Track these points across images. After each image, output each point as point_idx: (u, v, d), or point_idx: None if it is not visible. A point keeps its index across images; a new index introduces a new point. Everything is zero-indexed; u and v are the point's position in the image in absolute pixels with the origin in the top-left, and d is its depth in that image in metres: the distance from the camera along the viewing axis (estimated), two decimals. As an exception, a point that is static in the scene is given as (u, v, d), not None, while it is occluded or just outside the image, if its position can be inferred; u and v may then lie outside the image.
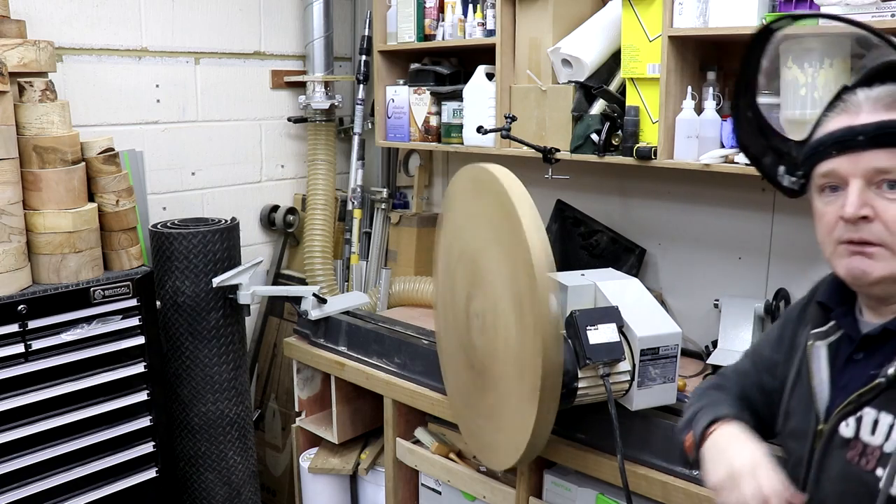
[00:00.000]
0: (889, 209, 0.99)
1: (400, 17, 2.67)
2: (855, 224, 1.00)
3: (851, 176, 1.01)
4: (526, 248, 1.48)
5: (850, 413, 1.04)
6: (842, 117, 1.04)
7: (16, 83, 1.99)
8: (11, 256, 1.93)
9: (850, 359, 1.09)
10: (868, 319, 1.10)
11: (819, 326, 1.14)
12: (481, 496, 2.05)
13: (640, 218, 2.47)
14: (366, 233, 3.09)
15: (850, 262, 1.03)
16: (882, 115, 1.00)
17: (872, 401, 1.01)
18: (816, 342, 1.13)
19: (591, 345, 1.62)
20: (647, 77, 2.05)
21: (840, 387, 1.08)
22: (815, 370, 1.11)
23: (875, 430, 1.01)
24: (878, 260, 1.00)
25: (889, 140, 0.99)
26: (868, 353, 1.07)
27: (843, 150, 1.01)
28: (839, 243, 1.04)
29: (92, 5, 2.43)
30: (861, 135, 1.00)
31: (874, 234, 1.00)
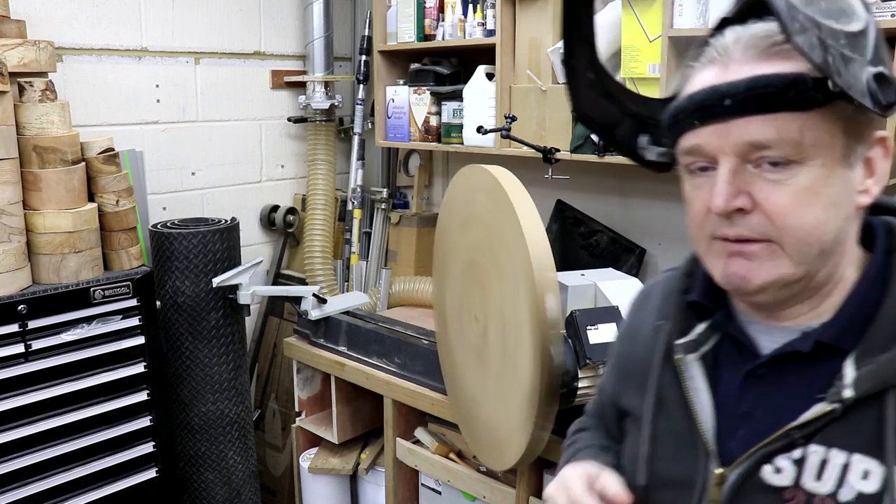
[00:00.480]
0: (772, 196, 0.73)
1: (400, 17, 2.67)
2: (729, 218, 0.75)
3: (720, 153, 0.74)
4: (526, 248, 1.48)
5: (781, 451, 0.77)
6: (708, 70, 0.77)
7: (16, 83, 1.99)
8: (11, 256, 1.93)
9: (752, 374, 0.82)
10: (755, 319, 0.85)
11: (685, 332, 0.86)
12: (481, 496, 2.05)
13: (640, 218, 2.47)
14: (366, 233, 3.09)
15: (726, 265, 0.78)
16: (755, 65, 0.73)
17: (818, 433, 0.75)
18: (686, 356, 0.85)
19: (592, 345, 1.62)
20: (647, 77, 2.05)
21: (739, 414, 0.81)
22: (694, 393, 0.83)
23: (822, 474, 0.75)
24: (762, 261, 0.75)
25: (765, 103, 0.71)
26: (781, 368, 0.80)
27: (707, 118, 0.74)
28: (712, 239, 0.78)
29: (92, 5, 2.43)
30: (728, 97, 0.72)
31: (754, 229, 0.75)
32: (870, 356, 0.75)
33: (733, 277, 0.77)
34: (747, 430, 0.80)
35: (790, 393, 0.79)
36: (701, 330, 0.86)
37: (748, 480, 0.78)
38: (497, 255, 1.63)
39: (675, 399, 0.85)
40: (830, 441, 0.75)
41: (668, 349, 0.87)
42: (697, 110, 0.75)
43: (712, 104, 0.73)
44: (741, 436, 0.80)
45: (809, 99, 0.71)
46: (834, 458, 0.75)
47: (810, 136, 0.72)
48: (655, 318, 0.92)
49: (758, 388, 0.81)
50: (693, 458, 0.83)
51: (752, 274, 0.76)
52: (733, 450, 0.80)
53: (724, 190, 0.73)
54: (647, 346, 0.91)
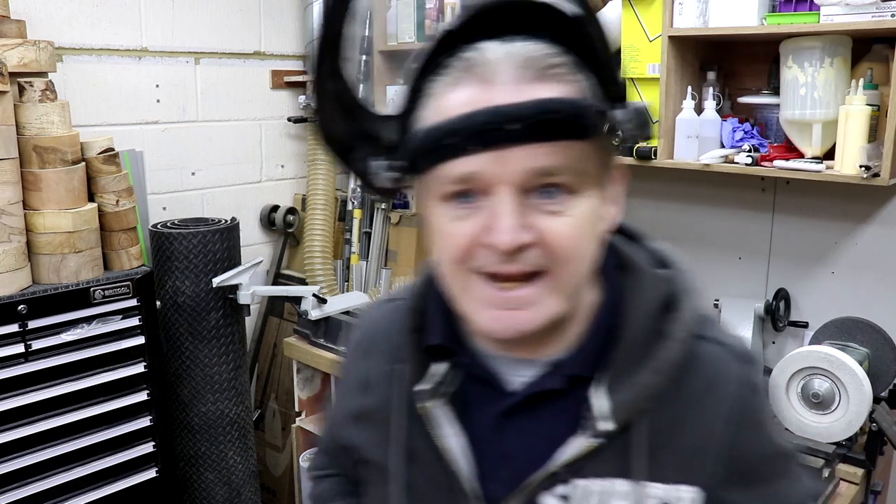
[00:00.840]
0: (552, 228, 0.67)
1: (400, 17, 2.66)
2: (511, 254, 0.67)
3: (499, 182, 0.66)
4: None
5: (546, 488, 0.74)
6: (466, 88, 0.68)
7: (16, 83, 1.99)
8: (11, 256, 1.93)
9: (506, 414, 0.77)
10: (498, 353, 0.79)
11: (423, 375, 0.78)
12: None
13: (640, 218, 2.46)
14: (366, 233, 3.09)
15: (498, 318, 0.70)
16: (534, 88, 0.66)
17: (579, 467, 0.74)
18: (430, 402, 0.77)
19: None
20: (647, 77, 2.05)
21: (499, 455, 0.77)
22: (445, 441, 0.77)
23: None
24: (536, 304, 0.69)
25: (554, 129, 0.66)
26: (534, 404, 0.76)
27: (491, 143, 0.65)
28: (475, 274, 0.70)
29: (92, 5, 2.43)
30: (516, 121, 0.64)
31: (534, 263, 0.68)
32: (619, 383, 0.73)
33: (506, 330, 0.70)
34: (509, 470, 0.76)
35: (547, 428, 0.75)
36: (442, 371, 0.78)
37: None
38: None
39: (427, 448, 0.78)
40: (590, 472, 0.74)
41: (410, 396, 0.79)
42: (478, 134, 0.65)
43: (496, 128, 0.64)
44: (504, 477, 0.76)
45: (591, 127, 0.68)
46: (594, 488, 0.74)
47: (588, 165, 0.69)
48: (386, 362, 0.84)
49: (514, 427, 0.77)
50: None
51: (527, 323, 0.69)
52: (497, 492, 0.76)
53: (511, 224, 0.66)
54: (384, 393, 0.82)
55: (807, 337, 2.13)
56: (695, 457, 0.74)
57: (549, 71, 0.68)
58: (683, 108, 2.01)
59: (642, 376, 0.73)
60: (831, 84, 1.78)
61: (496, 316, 0.69)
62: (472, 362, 0.79)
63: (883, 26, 1.65)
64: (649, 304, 0.77)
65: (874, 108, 1.76)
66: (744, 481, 0.76)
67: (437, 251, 0.73)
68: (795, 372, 1.67)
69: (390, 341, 0.84)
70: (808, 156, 1.85)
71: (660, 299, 0.78)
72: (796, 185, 2.12)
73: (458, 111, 0.67)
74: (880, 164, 1.71)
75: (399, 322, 0.83)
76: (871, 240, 2.05)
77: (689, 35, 1.96)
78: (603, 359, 0.75)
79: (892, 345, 1.85)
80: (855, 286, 2.09)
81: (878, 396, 1.74)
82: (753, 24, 1.84)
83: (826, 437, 1.62)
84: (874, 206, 2.03)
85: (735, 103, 2.13)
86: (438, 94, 0.70)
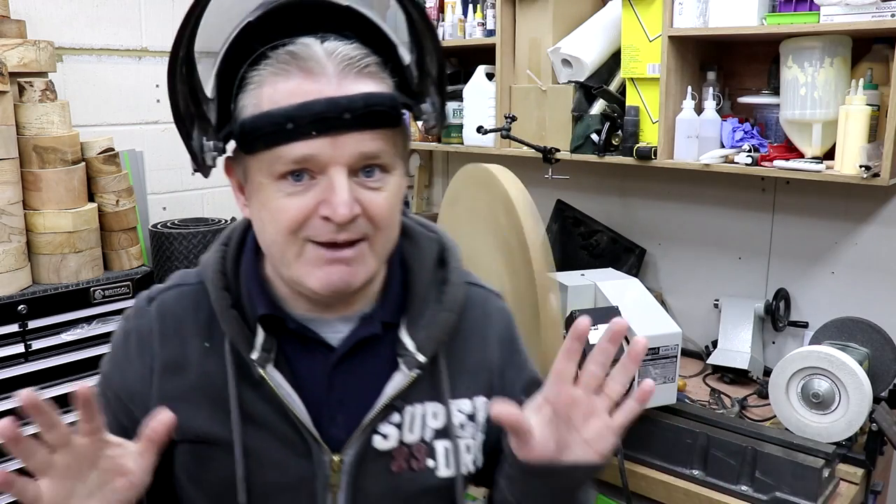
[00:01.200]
0: (374, 201, 0.80)
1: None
2: (343, 224, 0.78)
3: (333, 163, 0.77)
4: (526, 248, 1.48)
5: (382, 420, 0.88)
6: (294, 78, 0.78)
7: (16, 83, 1.99)
8: (11, 256, 1.93)
9: (333, 365, 0.88)
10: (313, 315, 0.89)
11: (251, 345, 0.86)
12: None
13: (640, 218, 2.47)
14: (366, 233, 3.09)
15: (328, 274, 0.80)
16: (358, 83, 0.78)
17: (404, 397, 0.88)
18: (266, 367, 0.85)
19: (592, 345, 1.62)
20: (647, 77, 2.05)
21: (333, 403, 0.88)
22: (288, 400, 0.85)
23: (413, 427, 0.89)
24: (360, 262, 0.82)
25: (378, 119, 0.78)
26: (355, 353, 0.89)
27: (327, 129, 0.76)
28: (309, 242, 0.80)
29: (92, 5, 2.43)
30: (347, 111, 0.76)
31: (359, 231, 0.80)
32: (417, 323, 0.90)
33: (337, 283, 0.81)
34: (345, 414, 0.87)
35: (371, 372, 0.88)
36: (263, 339, 0.86)
37: (363, 455, 0.87)
38: (497, 256, 1.63)
39: (268, 411, 0.86)
40: (412, 399, 0.89)
41: (240, 366, 0.87)
42: (316, 122, 0.76)
43: (333, 116, 0.76)
44: (342, 421, 0.87)
45: (400, 116, 0.82)
46: (416, 412, 0.90)
47: (398, 149, 0.83)
48: (199, 341, 0.90)
49: (342, 377, 0.88)
50: (304, 457, 0.86)
51: (353, 278, 0.82)
52: (339, 435, 0.87)
53: (346, 199, 0.77)
54: (203, 370, 0.89)
55: (807, 337, 2.13)
56: (481, 373, 0.96)
57: (365, 69, 0.80)
58: (683, 108, 2.01)
59: (440, 315, 0.91)
60: (831, 84, 1.78)
61: (327, 273, 0.81)
62: (298, 326, 0.88)
63: (883, 26, 1.65)
64: (429, 260, 0.95)
65: (874, 108, 1.76)
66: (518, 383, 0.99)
67: (268, 223, 0.81)
68: (795, 372, 1.67)
69: (197, 322, 0.91)
70: (808, 156, 1.85)
71: (435, 255, 0.96)
72: (796, 185, 2.12)
73: (289, 100, 0.77)
74: (880, 164, 1.71)
75: (197, 304, 0.91)
76: (871, 240, 2.05)
77: (689, 35, 1.96)
78: (403, 306, 0.91)
79: (892, 345, 1.85)
80: (855, 286, 2.09)
81: (878, 396, 1.74)
82: (753, 24, 1.84)
83: (826, 437, 1.62)
84: (874, 206, 2.03)
85: (735, 103, 2.13)
86: (265, 83, 0.79)
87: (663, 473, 1.69)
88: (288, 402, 0.85)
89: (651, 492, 1.69)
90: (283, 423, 0.86)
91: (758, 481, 1.58)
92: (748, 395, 2.01)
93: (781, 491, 1.55)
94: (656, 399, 1.70)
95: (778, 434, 1.64)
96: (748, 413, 1.92)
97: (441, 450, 0.91)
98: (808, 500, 1.52)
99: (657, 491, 1.68)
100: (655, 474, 1.69)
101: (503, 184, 1.57)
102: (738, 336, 2.16)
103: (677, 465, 1.68)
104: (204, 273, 0.92)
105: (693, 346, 2.34)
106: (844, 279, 2.11)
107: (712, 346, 2.22)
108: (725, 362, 2.12)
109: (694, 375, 2.17)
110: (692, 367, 2.22)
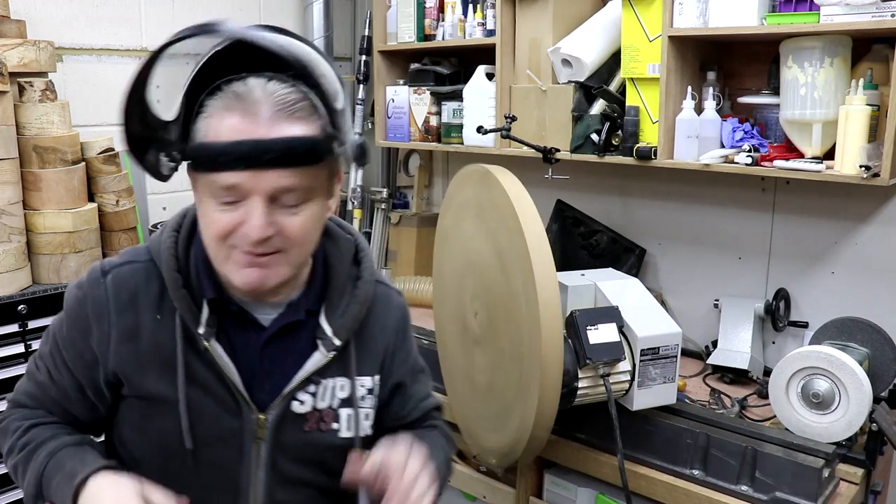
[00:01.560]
0: (290, 223, 0.97)
1: (400, 17, 2.67)
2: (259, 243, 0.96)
3: (254, 192, 0.94)
4: (526, 248, 1.48)
5: (300, 390, 1.09)
6: (235, 116, 0.95)
7: (16, 83, 1.99)
8: (11, 256, 1.93)
9: (264, 342, 1.08)
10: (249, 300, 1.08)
11: (197, 321, 1.04)
12: (481, 496, 2.05)
13: (640, 218, 2.47)
14: (366, 233, 3.09)
15: (247, 274, 0.99)
16: (285, 126, 0.94)
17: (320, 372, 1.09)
18: (210, 340, 1.04)
19: (592, 345, 1.62)
20: (647, 77, 2.05)
21: (262, 373, 1.07)
22: (226, 369, 1.05)
23: (324, 396, 1.11)
24: (275, 268, 1.00)
25: (295, 159, 0.94)
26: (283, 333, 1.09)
27: (250, 167, 0.93)
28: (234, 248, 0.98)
29: (92, 5, 2.43)
30: (269, 153, 0.92)
31: (274, 246, 0.98)
32: (334, 312, 1.11)
33: (254, 283, 1.00)
34: (271, 383, 1.08)
35: (293, 350, 1.09)
36: (208, 316, 1.05)
37: (283, 416, 1.08)
38: (497, 255, 1.63)
39: (207, 376, 1.06)
40: (326, 374, 1.10)
41: (187, 338, 1.05)
42: (242, 159, 0.93)
43: (256, 156, 0.93)
44: (268, 388, 1.08)
45: (321, 156, 0.97)
46: (328, 384, 1.11)
47: (316, 182, 0.99)
48: (152, 313, 1.07)
49: (270, 352, 1.08)
50: (236, 414, 1.07)
51: (268, 279, 1.00)
52: (265, 398, 1.07)
53: (261, 223, 0.95)
54: (154, 338, 1.06)
55: (807, 337, 2.13)
56: (380, 356, 1.17)
57: (296, 112, 0.95)
58: (683, 108, 2.01)
59: (352, 307, 1.12)
60: (831, 84, 1.78)
61: (248, 274, 0.99)
62: (238, 309, 1.07)
63: (883, 26, 1.65)
64: (346, 258, 1.16)
65: (874, 108, 1.76)
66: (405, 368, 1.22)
67: (204, 228, 1.01)
68: (795, 372, 1.67)
69: (148, 296, 1.07)
70: (808, 156, 1.85)
71: (351, 254, 1.17)
72: (796, 185, 2.12)
73: (227, 136, 0.94)
74: (880, 164, 1.71)
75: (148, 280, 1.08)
76: (870, 240, 2.05)
77: (689, 35, 1.96)
78: (323, 297, 1.11)
79: (892, 345, 1.85)
80: (855, 286, 2.09)
81: (878, 396, 1.74)
82: (753, 24, 1.84)
83: (826, 437, 1.62)
84: (874, 206, 2.03)
85: (735, 103, 2.13)
86: (214, 115, 0.97)
87: (663, 473, 1.69)
88: (226, 369, 1.05)
89: (651, 492, 1.69)
90: (221, 386, 1.06)
91: (758, 481, 1.58)
92: (748, 395, 2.01)
93: (781, 491, 1.55)
94: (656, 399, 1.70)
95: (778, 434, 1.64)
96: (748, 413, 1.92)
97: (345, 416, 1.12)
98: (808, 500, 1.52)
99: (657, 491, 1.68)
100: (655, 474, 1.69)
101: (503, 184, 1.57)
102: (738, 336, 2.16)
103: (677, 465, 1.68)
104: (156, 254, 1.08)
105: (693, 346, 2.34)
106: (844, 279, 2.11)
107: (712, 346, 2.22)
108: (725, 362, 2.12)
109: (694, 375, 2.17)
110: (692, 367, 2.22)
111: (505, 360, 1.64)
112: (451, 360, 1.95)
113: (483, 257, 1.70)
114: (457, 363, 1.91)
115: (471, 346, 1.79)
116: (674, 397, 1.72)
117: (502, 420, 1.69)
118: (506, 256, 1.58)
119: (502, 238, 1.59)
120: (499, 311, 1.64)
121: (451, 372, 1.96)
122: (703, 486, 1.64)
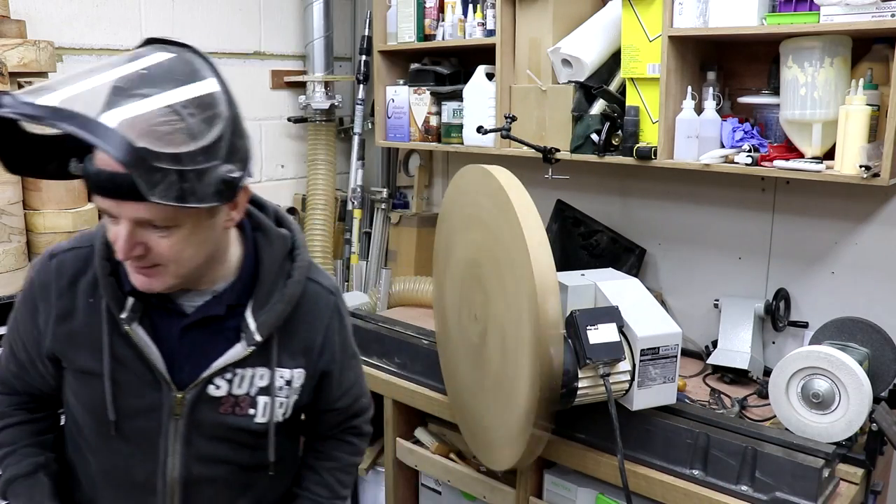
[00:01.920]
0: (159, 244, 1.04)
1: (400, 17, 2.67)
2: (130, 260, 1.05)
3: (121, 217, 1.02)
4: (526, 248, 1.48)
5: (218, 375, 1.18)
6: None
7: (16, 83, 1.99)
8: (11, 256, 1.93)
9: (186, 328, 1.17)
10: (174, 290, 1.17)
11: (122, 306, 1.15)
12: (481, 496, 2.05)
13: (640, 218, 2.47)
14: (366, 233, 3.09)
15: (136, 278, 1.09)
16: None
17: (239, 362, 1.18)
18: (132, 325, 1.15)
19: (591, 345, 1.62)
20: (647, 77, 2.05)
21: (183, 356, 1.17)
22: (147, 350, 1.15)
23: (241, 384, 1.20)
24: (158, 277, 1.08)
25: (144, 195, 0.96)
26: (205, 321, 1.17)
27: (108, 196, 1.00)
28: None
29: (92, 5, 2.43)
30: (121, 187, 0.98)
31: (149, 262, 1.06)
32: (260, 308, 1.18)
33: (143, 286, 1.10)
34: (191, 366, 1.17)
35: (215, 338, 1.18)
36: (132, 303, 1.14)
37: (199, 397, 1.18)
38: (497, 256, 1.63)
39: (132, 356, 1.16)
40: (246, 364, 1.19)
41: (112, 321, 1.15)
42: (101, 188, 1.00)
43: (112, 188, 0.99)
44: (187, 370, 1.17)
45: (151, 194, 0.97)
46: (247, 373, 1.20)
47: (180, 215, 1.02)
48: (87, 297, 1.17)
49: (191, 338, 1.17)
50: (156, 391, 1.17)
51: (152, 284, 1.09)
52: (184, 379, 1.17)
53: (124, 245, 1.03)
54: (87, 320, 1.17)
55: (807, 337, 2.13)
56: (304, 351, 1.25)
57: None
58: (683, 108, 2.01)
59: (278, 305, 1.19)
60: (831, 84, 1.78)
61: (137, 278, 1.09)
62: (156, 298, 1.15)
63: (883, 26, 1.65)
64: (277, 254, 1.21)
65: (874, 108, 1.76)
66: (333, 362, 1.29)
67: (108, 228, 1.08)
68: (795, 372, 1.67)
69: (85, 280, 1.18)
70: (808, 156, 1.85)
71: (284, 250, 1.22)
72: (796, 185, 2.12)
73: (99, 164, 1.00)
74: (880, 164, 1.71)
75: (87, 265, 1.18)
76: (871, 240, 2.05)
77: (689, 35, 1.96)
78: (251, 292, 1.18)
79: (892, 345, 1.85)
80: (855, 286, 2.09)
81: (878, 396, 1.74)
82: (753, 24, 1.84)
83: (826, 437, 1.62)
84: (874, 206, 2.03)
85: (735, 103, 2.13)
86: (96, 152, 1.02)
87: (663, 473, 1.69)
88: (146, 350, 1.15)
89: (651, 492, 1.69)
90: (142, 365, 1.16)
91: (758, 481, 1.58)
92: (748, 395, 2.01)
93: (781, 491, 1.55)
94: (656, 399, 1.70)
95: (778, 434, 1.64)
96: (748, 413, 1.92)
97: (262, 403, 1.22)
98: (808, 500, 1.52)
99: (657, 491, 1.68)
100: (655, 474, 1.69)
101: (503, 184, 1.57)
102: (738, 336, 2.16)
103: (677, 465, 1.68)
104: (95, 241, 1.17)
105: (693, 346, 2.34)
106: (844, 279, 2.11)
107: (712, 346, 2.22)
108: (725, 362, 2.12)
109: (694, 375, 2.17)
110: (692, 367, 2.22)
111: (505, 360, 1.64)
112: (450, 361, 1.95)
113: (483, 258, 1.70)
114: (457, 363, 1.91)
115: (471, 346, 1.79)
116: (674, 397, 1.72)
117: (502, 420, 1.69)
118: (506, 257, 1.58)
119: (502, 238, 1.59)
120: (499, 310, 1.64)
121: (451, 372, 1.96)
122: (703, 486, 1.64)
